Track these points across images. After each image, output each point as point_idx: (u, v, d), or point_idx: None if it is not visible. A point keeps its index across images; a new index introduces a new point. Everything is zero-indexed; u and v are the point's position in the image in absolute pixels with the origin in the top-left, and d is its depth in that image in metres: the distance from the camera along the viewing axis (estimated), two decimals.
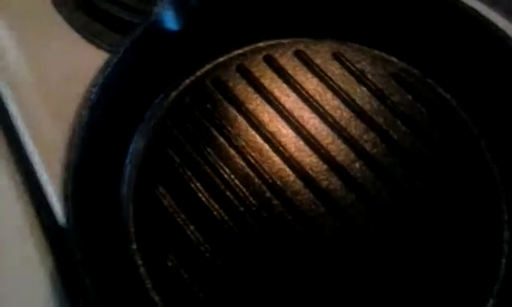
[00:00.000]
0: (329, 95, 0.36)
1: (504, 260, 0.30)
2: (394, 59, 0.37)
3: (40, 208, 0.34)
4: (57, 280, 0.30)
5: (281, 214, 0.31)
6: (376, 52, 0.38)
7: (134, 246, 0.30)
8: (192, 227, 0.31)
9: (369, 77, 0.36)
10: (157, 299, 0.29)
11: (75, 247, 0.25)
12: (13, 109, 0.37)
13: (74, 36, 0.41)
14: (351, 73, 0.37)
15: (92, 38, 0.40)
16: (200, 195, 0.32)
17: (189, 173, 0.32)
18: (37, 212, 0.34)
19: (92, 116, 0.30)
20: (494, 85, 0.34)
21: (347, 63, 0.37)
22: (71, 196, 0.28)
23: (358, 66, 0.37)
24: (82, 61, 0.38)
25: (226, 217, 0.31)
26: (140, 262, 0.29)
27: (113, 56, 0.31)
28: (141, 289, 0.29)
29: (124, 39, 0.33)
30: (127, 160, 0.33)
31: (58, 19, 0.42)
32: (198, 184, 0.32)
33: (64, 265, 0.31)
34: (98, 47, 0.40)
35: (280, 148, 0.33)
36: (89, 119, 0.29)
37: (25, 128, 0.36)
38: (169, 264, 0.30)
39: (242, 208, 0.31)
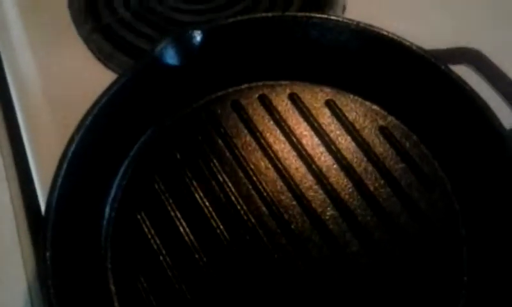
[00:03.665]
0: (315, 141, 0.37)
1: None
2: (385, 113, 0.39)
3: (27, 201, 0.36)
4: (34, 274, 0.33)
5: (252, 251, 0.33)
6: (368, 103, 0.39)
7: (109, 264, 0.32)
8: (164, 252, 0.33)
9: (357, 127, 0.38)
10: None
11: (46, 254, 0.27)
12: (18, 110, 0.40)
13: (87, 55, 0.44)
14: (341, 122, 0.38)
15: (104, 59, 0.43)
16: (178, 223, 0.34)
17: (170, 201, 0.34)
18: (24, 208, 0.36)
19: (85, 139, 0.32)
20: (476, 155, 0.35)
21: (338, 111, 0.38)
22: (54, 208, 0.30)
23: (348, 115, 0.38)
24: (90, 79, 0.41)
25: (198, 247, 0.33)
26: (111, 280, 0.32)
27: (111, 86, 0.34)
28: (109, 305, 0.30)
29: (125, 69, 0.36)
30: (115, 181, 0.35)
31: (75, 37, 0.45)
32: (177, 212, 0.34)
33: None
34: (108, 67, 0.43)
35: (260, 187, 0.35)
36: (82, 142, 0.32)
37: (26, 128, 0.39)
38: (139, 286, 0.32)
39: (214, 241, 0.33)
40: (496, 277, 0.32)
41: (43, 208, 0.36)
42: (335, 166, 0.36)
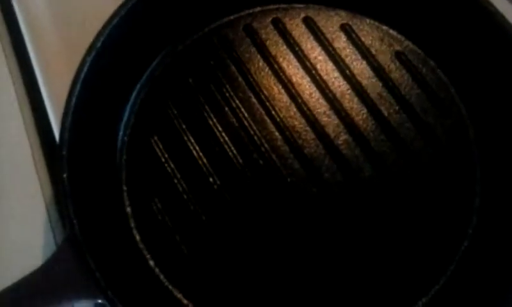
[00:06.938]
0: (330, 66, 0.37)
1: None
2: (402, 38, 0.37)
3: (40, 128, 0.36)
4: (52, 199, 0.33)
5: (265, 176, 0.33)
6: (385, 28, 0.38)
7: (124, 187, 0.32)
8: (179, 176, 0.33)
9: (373, 52, 0.37)
10: (138, 237, 0.31)
11: (63, 175, 0.28)
12: (25, 34, 0.39)
13: None
14: (356, 46, 0.37)
15: None
16: (191, 147, 0.34)
17: (183, 126, 0.34)
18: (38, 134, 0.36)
19: (96, 62, 0.32)
20: (494, 80, 0.34)
21: (354, 36, 0.37)
22: (69, 129, 0.30)
23: (364, 40, 0.37)
24: (100, 3, 0.40)
25: (212, 171, 0.33)
26: (127, 202, 0.32)
27: (121, 8, 0.33)
28: (125, 227, 0.31)
29: None
30: (128, 106, 0.35)
31: None
32: (190, 137, 0.34)
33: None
34: None
35: (273, 112, 0.35)
36: (93, 64, 0.31)
37: (37, 56, 0.38)
38: (154, 207, 0.32)
39: (228, 165, 0.33)
40: (507, 202, 0.32)
41: (56, 132, 0.36)
42: (349, 91, 0.36)
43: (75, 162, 0.30)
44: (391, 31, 0.38)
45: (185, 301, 0.31)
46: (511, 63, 0.33)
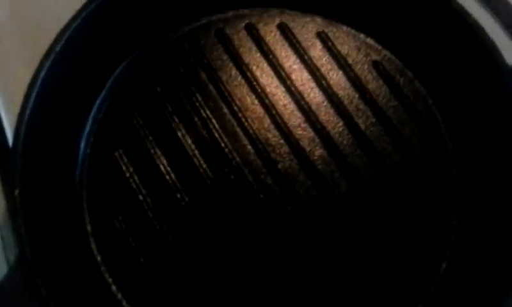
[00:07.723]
0: (305, 76, 0.35)
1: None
2: (379, 47, 0.36)
3: None
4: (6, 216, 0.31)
5: (236, 191, 0.31)
6: (362, 36, 0.36)
7: (84, 204, 0.30)
8: (144, 192, 0.31)
9: (349, 62, 0.35)
10: (99, 259, 0.29)
11: (15, 191, 0.25)
12: None
13: None
14: (332, 55, 0.36)
15: None
16: (158, 161, 0.32)
17: (150, 138, 0.32)
18: None
19: (56, 67, 0.29)
20: (473, 93, 0.33)
21: (330, 44, 0.36)
22: (23, 140, 0.28)
23: (340, 49, 0.36)
24: (60, 6, 0.38)
25: (179, 187, 0.31)
26: (88, 220, 0.30)
27: (84, 9, 0.31)
28: (85, 247, 0.29)
29: None
30: (90, 115, 0.33)
31: None
32: (157, 150, 0.32)
33: None
34: None
35: (245, 124, 0.33)
36: (52, 70, 0.29)
37: None
38: (118, 227, 0.30)
39: (197, 180, 0.31)
40: (485, 220, 0.31)
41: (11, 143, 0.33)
42: (325, 103, 0.34)
43: (29, 176, 0.28)
44: (368, 40, 0.36)
45: None
46: (490, 75, 0.32)
